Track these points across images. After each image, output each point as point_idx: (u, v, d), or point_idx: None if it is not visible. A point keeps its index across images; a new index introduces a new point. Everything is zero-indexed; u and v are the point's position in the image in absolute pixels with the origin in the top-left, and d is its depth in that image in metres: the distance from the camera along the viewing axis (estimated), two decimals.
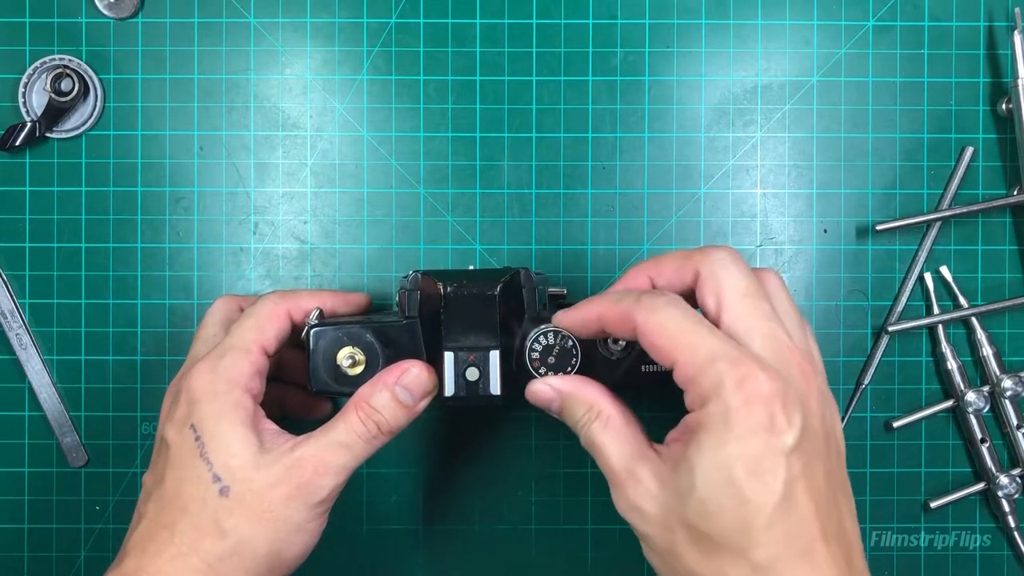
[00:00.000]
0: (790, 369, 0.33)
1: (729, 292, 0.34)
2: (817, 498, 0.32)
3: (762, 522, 0.31)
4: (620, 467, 0.35)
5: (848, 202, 0.51)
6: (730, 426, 0.31)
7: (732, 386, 0.32)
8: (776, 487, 0.31)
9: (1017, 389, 0.50)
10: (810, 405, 0.33)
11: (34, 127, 0.49)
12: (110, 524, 0.50)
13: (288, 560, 0.38)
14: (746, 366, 0.32)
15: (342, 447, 0.38)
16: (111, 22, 0.50)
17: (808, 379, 0.33)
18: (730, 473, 0.31)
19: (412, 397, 0.39)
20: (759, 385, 0.31)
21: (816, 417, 0.33)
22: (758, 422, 0.31)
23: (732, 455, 0.31)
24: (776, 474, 0.31)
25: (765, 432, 0.31)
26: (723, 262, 0.35)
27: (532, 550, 0.51)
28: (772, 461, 0.31)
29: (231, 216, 0.51)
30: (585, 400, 0.37)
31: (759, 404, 0.31)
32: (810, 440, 0.32)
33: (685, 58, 0.51)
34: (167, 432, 0.39)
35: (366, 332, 0.41)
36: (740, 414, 0.31)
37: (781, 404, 0.31)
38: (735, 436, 0.31)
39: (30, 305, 0.50)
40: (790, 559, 0.31)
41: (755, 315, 0.34)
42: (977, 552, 0.51)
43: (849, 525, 0.34)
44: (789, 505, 0.31)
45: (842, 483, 0.34)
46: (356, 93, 0.51)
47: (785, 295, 0.37)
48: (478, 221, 0.51)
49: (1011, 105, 0.50)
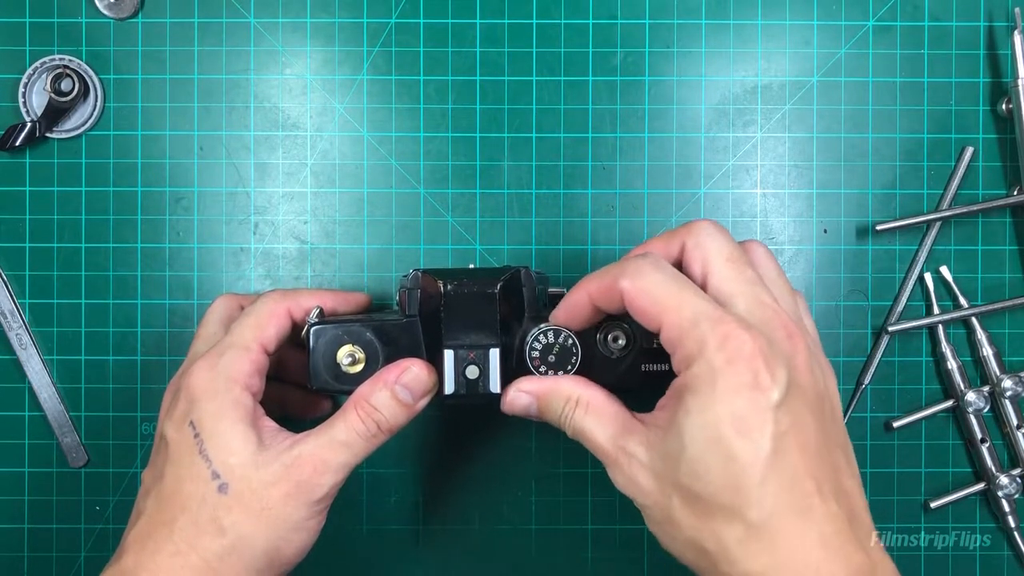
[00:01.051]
0: (773, 329, 0.33)
1: (714, 257, 0.35)
2: (809, 454, 0.32)
3: (753, 480, 0.31)
4: (609, 445, 0.35)
5: (848, 202, 0.51)
6: (715, 386, 0.32)
7: (715, 346, 0.32)
8: (764, 443, 0.31)
9: (1017, 389, 0.50)
10: (796, 363, 0.33)
11: (34, 127, 0.49)
12: (110, 524, 0.50)
13: (287, 558, 0.38)
14: (728, 325, 0.32)
15: (341, 445, 0.38)
16: (111, 22, 0.50)
17: (793, 338, 0.34)
18: (718, 432, 0.31)
19: (412, 396, 0.39)
20: (741, 344, 0.32)
21: (803, 374, 0.33)
22: (742, 380, 0.31)
23: (719, 414, 0.31)
24: (763, 430, 0.31)
25: (749, 389, 0.31)
26: (708, 231, 0.36)
27: (532, 550, 0.51)
28: (759, 417, 0.31)
29: (231, 216, 0.51)
30: (560, 394, 0.37)
31: (742, 362, 0.31)
32: (798, 396, 0.32)
33: (685, 58, 0.51)
34: (167, 429, 0.39)
35: (366, 330, 0.40)
36: (724, 373, 0.31)
37: (764, 361, 0.32)
38: (720, 395, 0.31)
39: (30, 305, 0.50)
40: (785, 516, 0.31)
41: (739, 279, 0.34)
42: (977, 552, 0.51)
43: (849, 483, 0.34)
44: (779, 461, 0.31)
45: (840, 442, 0.34)
46: (356, 93, 0.51)
47: (772, 263, 0.37)
48: (478, 221, 0.51)
49: (1011, 105, 0.50)
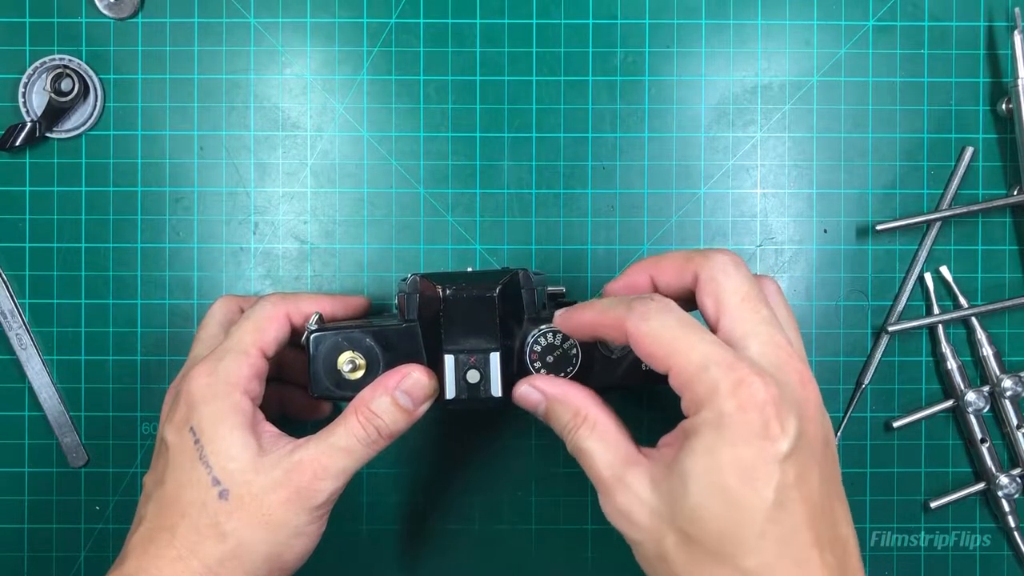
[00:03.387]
0: (787, 374, 0.33)
1: (728, 295, 0.34)
2: (812, 505, 0.32)
3: (754, 529, 0.31)
4: (608, 473, 0.35)
5: (848, 202, 0.51)
6: (723, 432, 0.31)
7: (726, 391, 0.31)
8: (768, 494, 0.31)
9: (1017, 389, 0.50)
10: (807, 411, 0.33)
11: (34, 127, 0.49)
12: (110, 524, 0.50)
13: (288, 563, 0.38)
14: (741, 371, 0.32)
15: (342, 451, 0.38)
16: (111, 22, 0.50)
17: (806, 385, 0.33)
18: (723, 479, 0.31)
19: (412, 401, 0.39)
20: (754, 390, 0.31)
21: (813, 422, 0.33)
22: (752, 428, 0.31)
23: (725, 461, 0.31)
24: (769, 481, 0.31)
25: (759, 438, 0.31)
26: (723, 265, 0.35)
27: (532, 550, 0.51)
28: (765, 468, 0.31)
29: (231, 216, 0.51)
30: (571, 405, 0.37)
31: (753, 410, 0.31)
32: (806, 447, 0.32)
33: (685, 58, 0.51)
34: (167, 434, 0.39)
35: (366, 336, 0.40)
36: (734, 419, 0.31)
37: (776, 410, 0.31)
38: (728, 442, 0.31)
39: (30, 305, 0.50)
40: (783, 567, 0.31)
41: (753, 319, 0.34)
42: (977, 552, 0.51)
43: (845, 530, 0.33)
44: (782, 512, 0.31)
45: (838, 490, 0.34)
46: (356, 93, 0.51)
47: (783, 303, 0.37)
48: (478, 221, 0.51)
49: (1011, 105, 0.50)
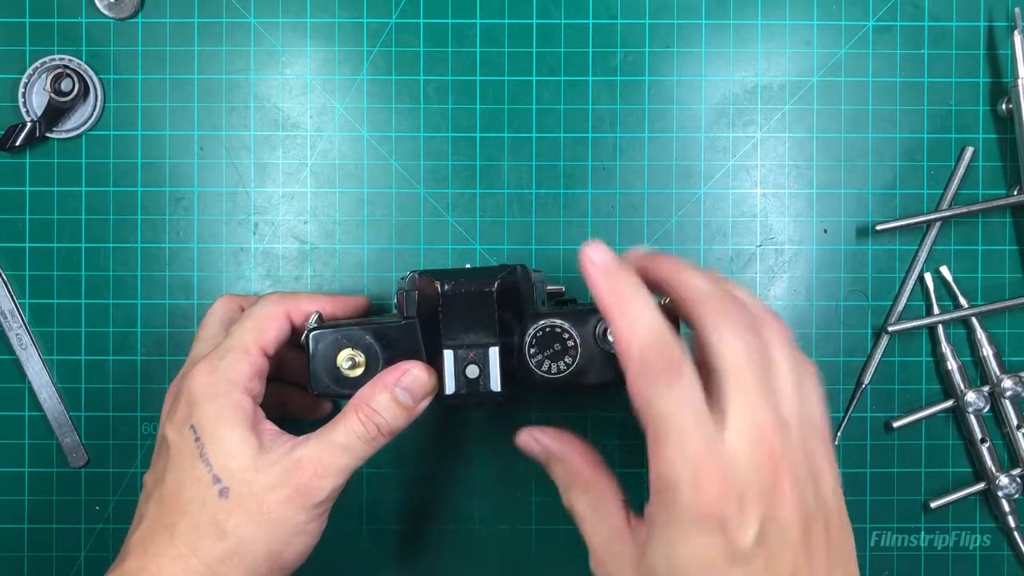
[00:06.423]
0: (759, 457, 0.31)
1: (727, 365, 0.32)
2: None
3: None
4: (596, 540, 0.35)
5: (848, 202, 0.51)
6: (683, 527, 0.31)
7: (688, 479, 0.30)
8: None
9: (1017, 389, 0.50)
10: (775, 497, 0.31)
11: (34, 127, 0.49)
12: (110, 524, 0.50)
13: (288, 561, 0.38)
14: (707, 462, 0.30)
15: (342, 448, 0.38)
16: (111, 22, 0.50)
17: (777, 467, 0.31)
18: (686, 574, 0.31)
19: (412, 398, 0.39)
20: (712, 485, 0.30)
21: (787, 507, 0.31)
22: (710, 524, 0.30)
23: (683, 559, 0.31)
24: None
25: (718, 535, 0.30)
26: (732, 329, 0.33)
27: (532, 550, 0.51)
28: (721, 569, 0.30)
29: (231, 216, 0.51)
30: (569, 464, 0.37)
31: (712, 505, 0.30)
32: (774, 532, 0.31)
33: (685, 58, 0.51)
34: (168, 432, 0.39)
35: (365, 334, 0.40)
36: (691, 514, 0.30)
37: (738, 504, 0.30)
38: (687, 539, 0.30)
39: (30, 305, 0.50)
40: None
41: (743, 399, 0.32)
42: (977, 552, 0.51)
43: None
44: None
45: (843, 558, 0.33)
46: (356, 93, 0.51)
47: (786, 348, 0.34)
48: (478, 221, 0.51)
49: (1011, 105, 0.50)
